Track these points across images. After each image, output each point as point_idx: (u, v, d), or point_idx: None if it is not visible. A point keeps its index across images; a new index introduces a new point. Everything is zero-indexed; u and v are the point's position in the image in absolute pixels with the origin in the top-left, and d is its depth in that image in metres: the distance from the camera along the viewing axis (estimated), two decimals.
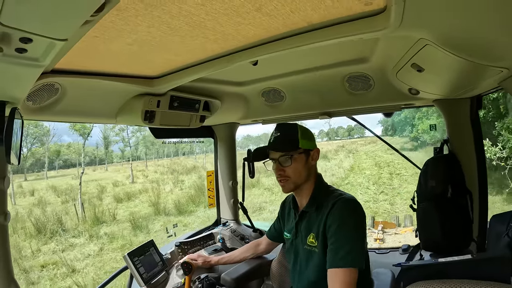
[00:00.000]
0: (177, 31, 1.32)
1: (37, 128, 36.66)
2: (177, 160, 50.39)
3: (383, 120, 61.71)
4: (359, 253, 1.65)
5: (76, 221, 15.01)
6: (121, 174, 35.63)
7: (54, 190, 25.29)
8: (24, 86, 1.26)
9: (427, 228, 2.45)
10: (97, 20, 0.95)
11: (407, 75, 2.01)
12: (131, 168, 31.47)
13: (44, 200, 20.96)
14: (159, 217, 15.51)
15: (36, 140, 38.31)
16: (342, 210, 1.73)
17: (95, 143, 49.29)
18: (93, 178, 32.73)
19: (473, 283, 1.49)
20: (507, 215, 2.11)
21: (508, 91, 1.83)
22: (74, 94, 1.85)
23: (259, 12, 1.20)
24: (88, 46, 1.36)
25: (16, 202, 21.11)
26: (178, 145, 55.89)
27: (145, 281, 2.37)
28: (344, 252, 1.63)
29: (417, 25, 1.26)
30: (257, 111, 3.08)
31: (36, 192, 25.43)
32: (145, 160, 48.50)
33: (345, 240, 1.66)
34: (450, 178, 2.35)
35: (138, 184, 26.79)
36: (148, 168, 40.85)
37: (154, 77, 2.02)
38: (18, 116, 1.36)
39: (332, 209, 1.76)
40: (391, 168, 23.49)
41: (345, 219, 1.71)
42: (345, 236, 1.67)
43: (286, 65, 2.35)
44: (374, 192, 17.61)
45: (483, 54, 1.43)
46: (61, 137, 41.95)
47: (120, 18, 1.14)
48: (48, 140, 40.17)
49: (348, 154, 36.59)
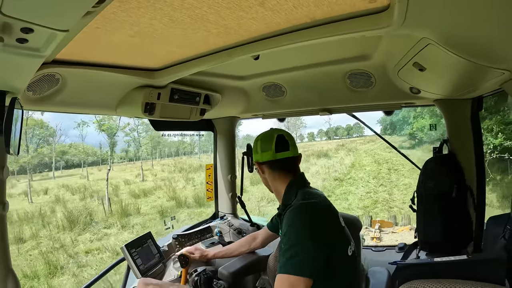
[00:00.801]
0: (179, 23, 1.32)
1: (43, 129, 37.00)
2: (180, 160, 51.13)
3: (382, 119, 62.28)
4: (304, 261, 1.50)
5: (103, 214, 16.47)
6: (128, 173, 36.29)
7: (67, 189, 26.44)
8: (25, 76, 1.26)
9: (427, 228, 2.46)
10: (98, 11, 0.94)
11: (408, 74, 2.00)
12: (141, 167, 33.02)
13: (61, 197, 22.27)
14: (182, 209, 16.93)
15: (42, 140, 38.72)
16: (288, 218, 1.66)
17: (97, 144, 49.59)
18: (101, 177, 33.37)
19: (468, 283, 1.50)
20: (504, 217, 2.11)
21: (510, 93, 1.82)
22: (75, 85, 1.84)
23: (262, 6, 1.20)
24: (89, 37, 1.36)
25: (32, 200, 22.37)
26: (180, 145, 56.43)
27: (142, 273, 2.38)
28: (284, 258, 1.54)
29: (420, 24, 1.26)
30: (258, 106, 3.08)
31: (49, 191, 26.51)
32: (151, 159, 48.79)
33: (287, 247, 1.56)
34: (451, 177, 2.35)
35: (148, 182, 27.86)
36: (154, 167, 41.47)
37: (155, 69, 2.02)
38: (18, 106, 1.36)
39: (284, 216, 1.73)
40: (389, 165, 25.30)
41: (289, 227, 1.63)
42: (287, 243, 1.58)
43: (287, 60, 2.34)
44: (374, 185, 19.71)
45: (485, 56, 1.42)
46: (60, 138, 42.27)
47: (122, 9, 1.13)
48: (55, 140, 41.22)
49: (348, 153, 37.78)
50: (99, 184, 27.57)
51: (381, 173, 22.78)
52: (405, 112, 38.04)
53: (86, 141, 52.33)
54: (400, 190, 17.56)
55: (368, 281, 2.14)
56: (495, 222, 2.18)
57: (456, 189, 2.32)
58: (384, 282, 2.17)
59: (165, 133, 3.19)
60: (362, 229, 8.69)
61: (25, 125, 10.94)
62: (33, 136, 39.45)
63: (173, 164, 42.39)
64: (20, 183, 32.47)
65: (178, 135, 3.57)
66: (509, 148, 13.61)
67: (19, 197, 24.58)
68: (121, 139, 44.04)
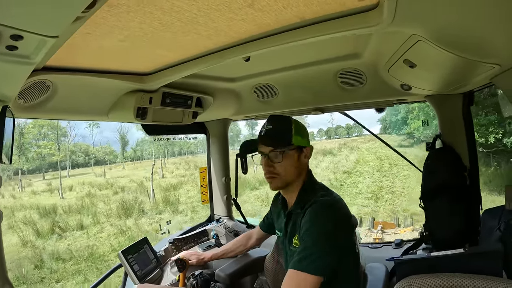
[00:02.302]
0: (169, 27, 1.32)
1: (54, 129, 38.46)
2: (187, 159, 52.54)
3: (382, 118, 63.86)
4: (321, 260, 1.51)
5: (149, 204, 19.85)
6: (141, 171, 38.64)
7: (90, 185, 29.44)
8: (15, 83, 1.25)
9: (437, 224, 2.45)
10: (88, 17, 0.94)
11: (399, 71, 2.01)
12: (161, 165, 37.34)
13: (92, 193, 25.52)
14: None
15: (54, 141, 39.67)
16: (312, 214, 1.63)
17: (103, 143, 49.94)
18: (116, 175, 37.08)
19: (465, 276, 1.51)
20: (498, 209, 2.12)
21: (500, 87, 1.84)
22: (66, 91, 1.83)
23: (252, 7, 1.20)
24: (79, 42, 1.35)
25: (63, 196, 25.74)
26: (183, 144, 56.80)
27: (140, 279, 2.36)
28: (302, 256, 1.53)
29: (409, 21, 1.27)
30: (250, 107, 3.08)
31: (74, 187, 29.43)
32: (160, 158, 49.13)
33: (307, 245, 1.56)
34: (457, 169, 2.36)
35: (168, 179, 30.38)
36: (166, 166, 42.70)
37: (146, 74, 2.01)
38: (9, 114, 1.35)
39: (306, 212, 1.67)
40: (390, 160, 28.50)
41: (314, 224, 1.60)
42: (308, 241, 1.57)
43: (278, 60, 2.34)
44: (378, 176, 24.32)
45: (475, 51, 1.43)
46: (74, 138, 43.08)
47: (111, 14, 1.13)
48: (69, 140, 43.13)
49: (351, 151, 40.71)
50: (120, 181, 30.63)
51: (383, 167, 26.91)
52: (404, 113, 40.57)
53: (95, 140, 53.01)
54: (400, 180, 21.71)
55: (366, 277, 2.14)
56: (490, 214, 2.19)
57: (460, 180, 2.34)
58: (382, 278, 2.18)
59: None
60: (365, 230, 8.64)
61: (38, 125, 12.18)
62: (45, 137, 40.82)
63: (185, 162, 44.76)
64: (38, 181, 35.77)
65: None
66: (482, 144, 17.97)
67: (46, 194, 27.79)
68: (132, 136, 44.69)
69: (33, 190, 30.01)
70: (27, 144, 38.33)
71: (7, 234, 14.83)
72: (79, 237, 15.13)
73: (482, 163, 18.39)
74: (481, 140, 18.06)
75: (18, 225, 16.63)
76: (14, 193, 28.57)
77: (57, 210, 19.53)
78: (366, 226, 10.37)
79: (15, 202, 23.75)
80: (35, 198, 25.74)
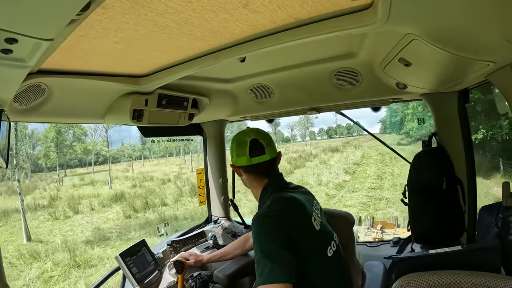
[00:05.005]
0: (164, 28, 1.32)
1: (77, 128, 39.28)
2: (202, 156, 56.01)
3: (383, 119, 67.89)
4: (273, 269, 1.45)
5: (180, 193, 24.24)
6: (167, 168, 43.93)
7: (128, 179, 34.11)
8: (11, 87, 1.24)
9: (420, 220, 2.48)
10: (83, 19, 0.94)
11: (394, 70, 2.01)
12: (191, 160, 42.83)
13: (137, 184, 30.22)
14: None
15: (75, 138, 40.50)
16: (252, 227, 1.61)
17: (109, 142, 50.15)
18: (142, 171, 41.80)
19: (464, 273, 1.51)
20: (495, 206, 2.13)
21: (495, 84, 1.85)
22: (61, 94, 1.82)
23: (246, 8, 1.20)
24: (74, 45, 1.34)
25: (112, 187, 29.52)
26: (188, 144, 57.80)
27: (138, 281, 2.35)
28: (258, 273, 1.51)
29: (404, 20, 1.27)
30: (246, 108, 3.08)
31: (114, 180, 33.12)
32: (184, 155, 52.12)
33: (257, 261, 1.53)
34: (441, 170, 2.38)
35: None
36: (185, 163, 47.42)
37: (142, 76, 2.01)
38: (5, 118, 1.34)
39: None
40: (391, 154, 31.05)
41: (254, 237, 1.57)
42: (256, 256, 1.54)
43: (273, 61, 2.34)
44: (381, 166, 29.76)
45: (470, 48, 1.44)
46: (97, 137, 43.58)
47: (106, 16, 1.12)
48: (94, 138, 44.14)
49: (355, 148, 47.25)
50: (145, 177, 34.54)
51: (385, 160, 32.06)
52: (403, 114, 45.78)
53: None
54: (399, 168, 25.98)
55: (364, 275, 2.15)
56: (487, 211, 2.20)
57: (446, 180, 2.35)
58: (380, 276, 2.18)
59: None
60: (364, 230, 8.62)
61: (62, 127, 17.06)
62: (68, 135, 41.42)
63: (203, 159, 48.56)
64: (66, 177, 39.79)
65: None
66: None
67: (91, 185, 31.43)
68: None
69: (74, 183, 33.30)
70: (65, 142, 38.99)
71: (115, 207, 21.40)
72: (166, 210, 20.06)
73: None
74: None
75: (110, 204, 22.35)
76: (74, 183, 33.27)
77: (126, 195, 24.26)
78: (366, 226, 10.41)
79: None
80: (82, 189, 29.51)
